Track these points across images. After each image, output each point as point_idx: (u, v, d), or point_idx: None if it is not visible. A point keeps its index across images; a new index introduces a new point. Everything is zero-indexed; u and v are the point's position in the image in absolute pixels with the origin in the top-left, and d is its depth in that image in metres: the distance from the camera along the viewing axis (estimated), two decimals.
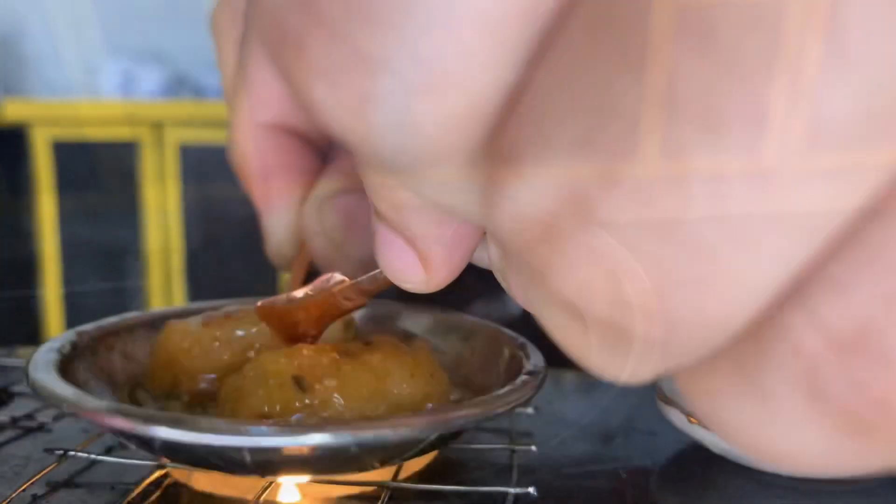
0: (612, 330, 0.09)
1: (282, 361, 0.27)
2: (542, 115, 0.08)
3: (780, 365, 0.08)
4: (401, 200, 0.13)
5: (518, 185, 0.09)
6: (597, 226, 0.08)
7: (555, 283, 0.09)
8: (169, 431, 0.22)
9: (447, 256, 0.14)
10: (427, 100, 0.08)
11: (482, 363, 0.33)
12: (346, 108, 0.09)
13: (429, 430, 0.23)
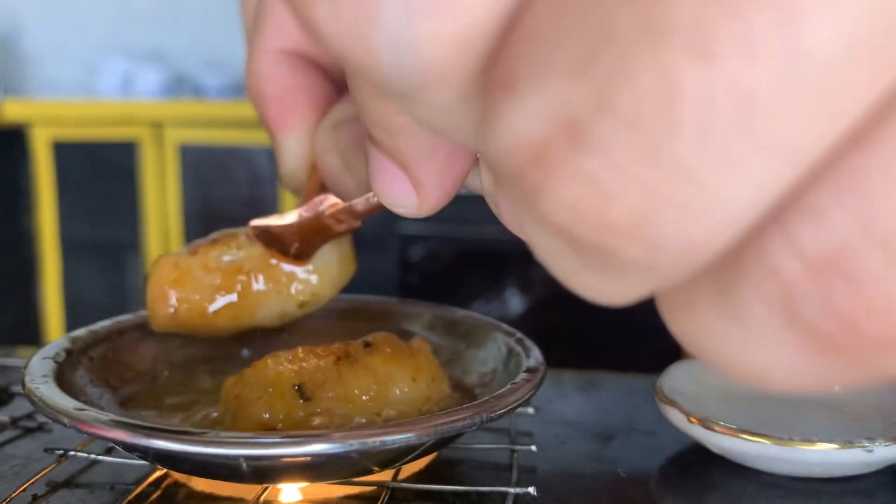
0: (598, 252, 0.09)
1: (282, 368, 0.27)
2: (538, 39, 0.08)
3: (757, 285, 0.08)
4: (394, 125, 0.13)
5: (513, 109, 0.09)
6: (587, 149, 0.08)
7: (545, 206, 0.09)
8: (168, 444, 0.22)
9: (439, 181, 0.14)
10: (427, 21, 0.09)
11: (481, 360, 0.33)
12: (346, 28, 0.09)
13: (429, 435, 0.23)
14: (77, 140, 1.66)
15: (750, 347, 0.09)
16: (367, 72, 0.09)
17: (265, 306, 0.29)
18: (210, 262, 0.29)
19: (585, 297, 0.10)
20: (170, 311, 0.29)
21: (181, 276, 0.29)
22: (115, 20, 2.07)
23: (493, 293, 1.64)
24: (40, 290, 1.71)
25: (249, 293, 0.28)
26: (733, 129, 0.07)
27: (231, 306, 0.29)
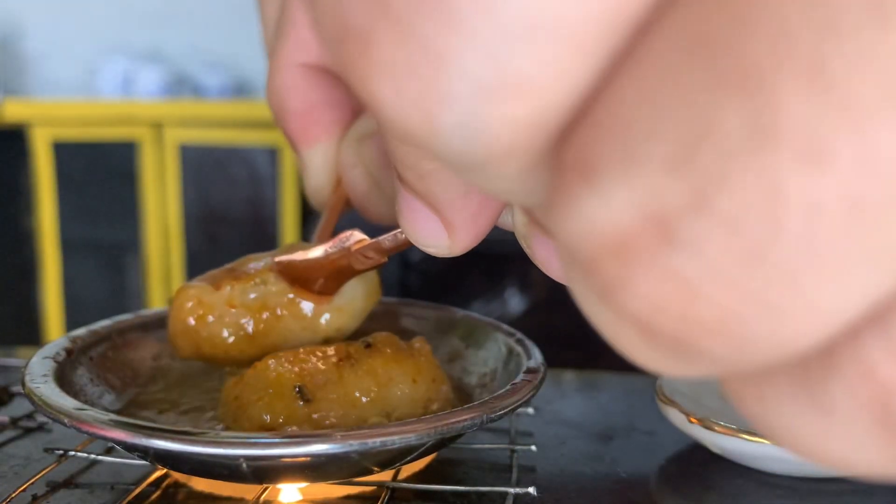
0: (675, 342, 0.09)
1: (282, 369, 0.27)
2: (625, 128, 0.08)
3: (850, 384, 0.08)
4: (426, 170, 0.13)
5: (591, 197, 0.08)
6: (678, 247, 0.08)
7: (622, 296, 0.09)
8: (168, 444, 0.22)
9: (472, 223, 0.14)
10: (498, 103, 0.08)
11: (481, 360, 0.33)
12: (412, 107, 0.09)
13: (429, 436, 0.23)
14: (77, 140, 1.66)
15: (833, 439, 0.09)
16: (426, 146, 0.09)
17: (290, 342, 0.29)
18: (234, 299, 0.28)
19: (639, 364, 0.10)
20: (193, 346, 0.29)
21: (205, 313, 0.28)
22: (115, 20, 2.07)
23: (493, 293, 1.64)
24: (40, 290, 1.71)
25: (274, 330, 0.28)
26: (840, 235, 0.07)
27: (255, 343, 0.28)
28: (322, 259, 0.26)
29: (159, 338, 0.35)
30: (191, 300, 0.28)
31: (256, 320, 0.28)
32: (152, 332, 0.35)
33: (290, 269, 0.27)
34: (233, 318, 0.28)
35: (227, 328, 0.28)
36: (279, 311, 0.28)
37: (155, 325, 0.35)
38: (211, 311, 0.28)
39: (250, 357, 0.28)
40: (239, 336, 0.28)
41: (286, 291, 0.28)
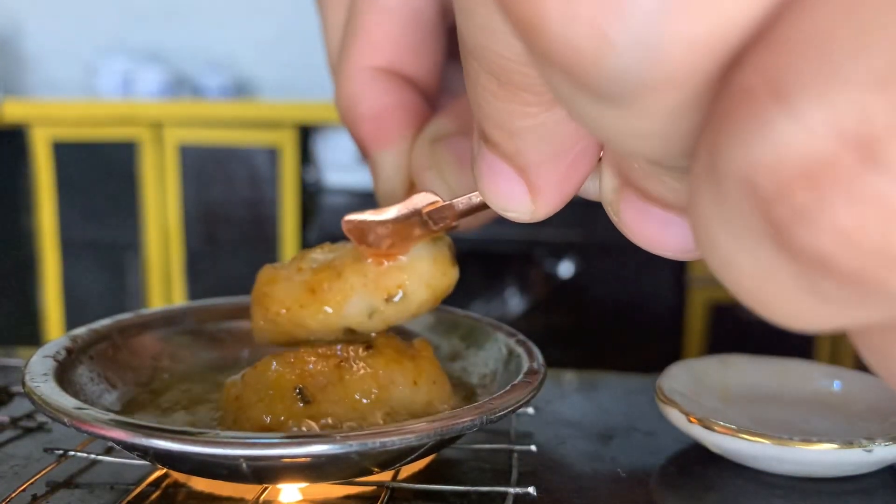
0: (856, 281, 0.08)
1: (283, 370, 0.27)
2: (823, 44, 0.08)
3: None
4: (519, 127, 0.12)
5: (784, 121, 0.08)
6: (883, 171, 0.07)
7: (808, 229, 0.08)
8: (168, 444, 0.22)
9: (559, 187, 0.14)
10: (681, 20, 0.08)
11: (481, 360, 0.33)
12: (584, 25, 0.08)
13: (429, 437, 0.23)
14: (77, 140, 1.66)
15: None
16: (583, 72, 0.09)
17: (351, 301, 0.28)
18: (304, 263, 0.29)
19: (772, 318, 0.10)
20: (267, 317, 0.29)
21: (275, 281, 0.29)
22: (115, 20, 2.07)
23: (493, 293, 1.64)
24: (40, 290, 1.71)
25: (334, 288, 0.28)
26: None
27: (318, 302, 0.28)
28: (392, 219, 0.26)
29: (160, 337, 0.35)
30: (266, 272, 0.29)
31: (318, 279, 0.28)
32: (153, 331, 0.35)
33: (358, 229, 0.27)
34: (299, 279, 0.28)
35: (293, 292, 0.28)
36: (340, 270, 0.28)
37: (155, 324, 0.35)
38: (281, 279, 0.29)
39: (317, 322, 0.28)
40: (302, 298, 0.28)
41: (351, 252, 0.28)
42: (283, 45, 2.01)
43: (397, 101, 0.27)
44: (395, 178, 0.27)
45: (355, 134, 0.27)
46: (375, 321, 0.28)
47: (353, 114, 0.27)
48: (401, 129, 0.27)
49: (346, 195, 1.59)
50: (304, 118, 1.57)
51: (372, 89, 0.27)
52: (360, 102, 0.27)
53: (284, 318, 0.29)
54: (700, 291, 1.46)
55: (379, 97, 0.26)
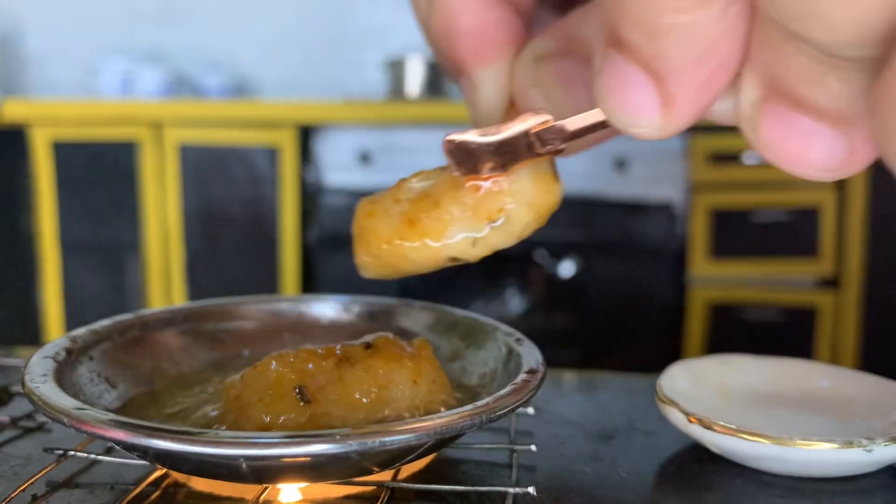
0: None
1: (283, 370, 0.27)
2: None
3: None
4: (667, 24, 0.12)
5: None
6: None
7: None
8: (168, 444, 0.22)
9: (695, 96, 0.13)
10: None
11: (481, 360, 0.33)
12: None
13: (429, 436, 0.23)
14: (77, 140, 1.66)
15: None
16: None
17: (452, 230, 0.27)
18: (400, 193, 0.28)
19: None
20: (370, 251, 0.28)
21: (373, 214, 0.28)
22: (115, 20, 2.07)
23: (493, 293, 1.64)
24: (40, 290, 1.71)
25: (433, 218, 0.27)
26: None
27: (418, 234, 0.27)
28: (496, 140, 0.25)
29: (160, 337, 0.35)
30: (364, 205, 0.28)
31: (417, 207, 0.27)
32: (152, 331, 0.35)
33: (459, 150, 0.26)
34: (398, 210, 0.27)
35: (393, 222, 0.27)
36: (439, 196, 0.27)
37: (155, 324, 0.35)
38: (380, 209, 0.28)
39: (420, 253, 0.27)
40: (402, 228, 0.27)
41: (450, 177, 0.27)
42: (283, 45, 2.01)
43: (498, 16, 0.26)
44: (496, 97, 0.27)
45: (451, 50, 0.26)
46: (479, 248, 0.27)
47: (448, 30, 0.26)
48: (504, 45, 0.26)
49: (346, 195, 1.59)
50: (304, 118, 1.57)
51: (470, 4, 0.25)
52: (459, 18, 0.26)
53: (386, 251, 0.28)
54: (700, 291, 1.46)
55: (479, 12, 0.26)
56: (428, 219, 0.27)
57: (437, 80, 1.72)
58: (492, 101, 0.27)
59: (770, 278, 1.43)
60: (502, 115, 0.27)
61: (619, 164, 1.48)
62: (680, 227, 1.47)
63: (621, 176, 1.48)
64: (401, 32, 1.97)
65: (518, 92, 0.26)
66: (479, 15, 0.25)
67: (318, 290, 1.60)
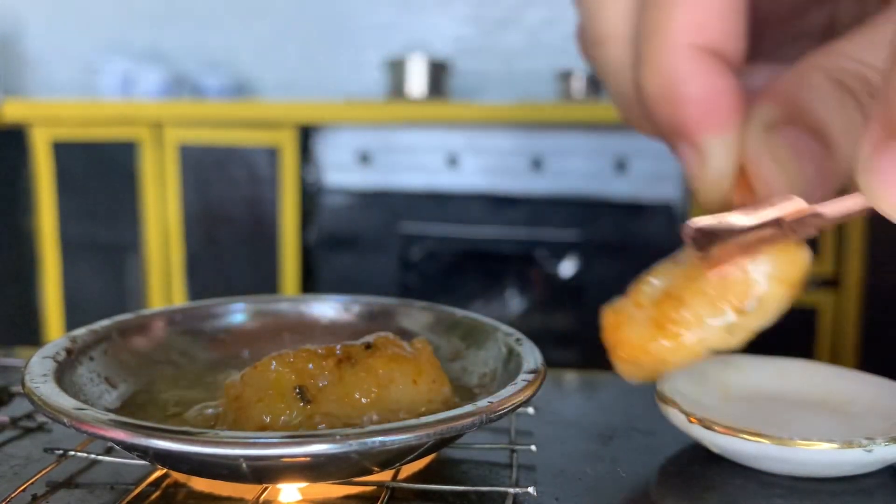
0: None
1: (283, 370, 0.27)
2: None
3: None
4: None
5: None
6: None
7: None
8: (168, 444, 0.22)
9: None
10: None
11: (481, 360, 0.33)
12: None
13: (429, 436, 0.23)
14: (77, 140, 1.66)
15: None
16: None
17: (703, 321, 0.27)
18: (640, 298, 0.28)
19: None
20: (628, 359, 0.29)
21: (620, 322, 0.28)
22: (115, 20, 2.07)
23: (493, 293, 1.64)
24: (40, 290, 1.71)
25: (680, 317, 0.27)
26: None
27: (671, 334, 0.27)
28: (748, 227, 0.24)
29: (160, 337, 0.35)
30: (609, 313, 0.28)
31: (663, 310, 0.27)
32: (152, 331, 0.35)
33: (705, 236, 0.25)
34: (642, 316, 0.27)
35: (639, 327, 0.27)
36: (682, 293, 0.27)
37: (155, 324, 0.35)
38: (624, 317, 0.28)
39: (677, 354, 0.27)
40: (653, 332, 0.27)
41: (685, 271, 0.27)
42: (283, 45, 2.01)
43: (727, 83, 0.25)
44: (727, 167, 0.26)
45: (674, 117, 0.26)
46: (738, 334, 0.27)
47: (673, 95, 0.25)
48: (735, 113, 0.25)
49: (346, 195, 1.59)
50: (304, 118, 1.57)
51: (699, 69, 0.25)
52: (687, 82, 0.25)
53: (644, 359, 0.28)
54: None
55: (708, 78, 0.25)
56: (676, 319, 0.27)
57: (438, 80, 1.72)
58: (722, 170, 0.26)
59: None
60: (731, 185, 0.26)
61: (619, 164, 1.48)
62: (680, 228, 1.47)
63: (621, 176, 1.48)
64: (401, 32, 1.97)
65: (749, 162, 0.25)
66: (706, 81, 0.25)
67: (318, 290, 1.60)
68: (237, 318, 0.37)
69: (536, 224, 1.54)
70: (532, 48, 1.93)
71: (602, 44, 0.28)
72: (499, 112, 1.54)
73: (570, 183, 1.51)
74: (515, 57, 1.94)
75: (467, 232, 1.56)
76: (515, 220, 1.54)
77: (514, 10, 1.93)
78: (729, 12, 0.25)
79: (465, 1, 1.94)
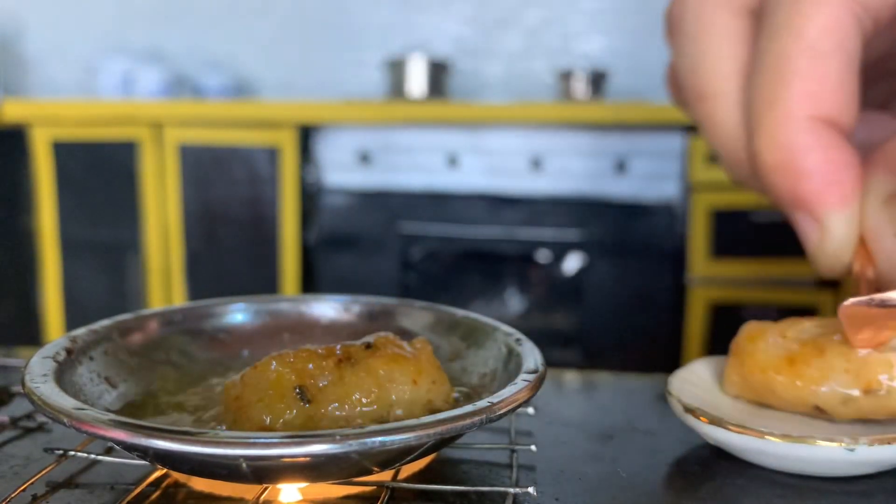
0: None
1: (283, 370, 0.27)
2: None
3: None
4: None
5: None
6: None
7: None
8: (168, 444, 0.22)
9: None
10: None
11: (481, 360, 0.33)
12: None
13: (429, 436, 0.23)
14: (77, 140, 1.66)
15: None
16: None
17: (828, 383, 0.28)
18: (790, 331, 0.29)
19: None
20: (741, 372, 0.30)
21: (756, 339, 0.30)
22: (115, 20, 2.07)
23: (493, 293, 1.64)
24: (40, 290, 1.71)
25: (813, 365, 0.29)
26: None
27: (794, 375, 0.29)
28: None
29: (160, 337, 0.35)
30: (750, 328, 0.30)
31: (803, 352, 0.29)
32: (152, 331, 0.35)
33: (860, 316, 0.26)
34: (782, 345, 0.29)
35: (773, 350, 0.29)
36: (826, 348, 0.29)
37: (155, 324, 0.35)
38: (763, 335, 0.30)
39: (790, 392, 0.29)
40: (781, 363, 0.29)
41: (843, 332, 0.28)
42: (283, 45, 2.01)
43: (846, 156, 0.25)
44: (848, 240, 0.26)
45: (794, 188, 0.25)
46: (849, 409, 0.28)
47: (795, 168, 0.25)
48: (850, 187, 0.25)
49: (346, 195, 1.59)
50: (304, 118, 1.57)
51: (819, 142, 0.25)
52: (807, 156, 0.25)
53: (758, 379, 0.29)
54: (700, 291, 1.46)
55: (828, 152, 0.25)
56: (808, 364, 0.28)
57: (438, 80, 1.72)
58: (843, 244, 0.26)
59: (770, 278, 1.43)
60: (849, 257, 0.27)
61: (619, 164, 1.48)
62: (680, 227, 1.47)
63: (621, 176, 1.48)
64: (401, 32, 1.97)
65: (870, 236, 0.25)
66: (825, 155, 0.25)
67: (318, 290, 1.60)
68: (237, 318, 0.37)
69: (536, 224, 1.54)
70: (532, 48, 1.93)
71: (707, 100, 0.27)
72: (499, 112, 1.54)
73: (570, 183, 1.51)
74: (515, 57, 1.94)
75: (467, 232, 1.56)
76: (515, 220, 1.54)
77: (514, 11, 1.93)
78: (845, 83, 0.25)
79: (465, 1, 1.94)
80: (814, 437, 0.28)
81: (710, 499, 0.29)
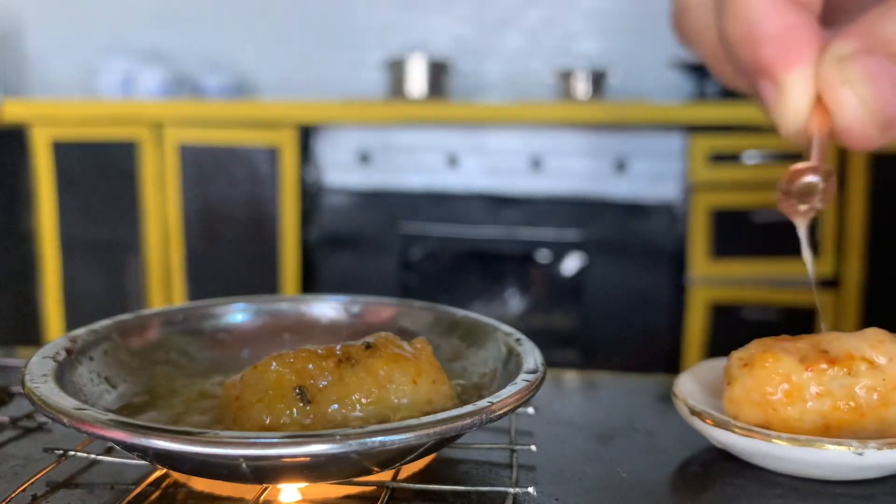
0: None
1: (283, 370, 0.27)
2: None
3: None
4: None
5: None
6: None
7: None
8: (168, 444, 0.22)
9: None
10: None
11: (481, 360, 0.33)
12: None
13: (429, 436, 0.23)
14: (77, 140, 1.66)
15: None
16: None
17: (828, 385, 0.29)
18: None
19: None
20: (744, 384, 0.30)
21: (790, 390, 0.29)
22: (115, 20, 2.07)
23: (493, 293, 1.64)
24: (40, 290, 1.71)
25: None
26: None
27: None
28: None
29: (159, 337, 0.35)
30: (778, 375, 0.30)
31: (812, 354, 0.29)
32: (152, 331, 0.35)
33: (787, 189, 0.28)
34: (799, 370, 0.29)
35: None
36: (839, 354, 0.29)
37: (155, 324, 0.35)
38: (794, 391, 0.29)
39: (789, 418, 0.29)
40: (789, 354, 0.30)
41: (878, 385, 0.29)
42: (283, 45, 2.01)
43: (801, 20, 0.27)
44: (805, 99, 0.27)
45: (755, 56, 0.27)
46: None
47: (753, 35, 0.27)
48: (807, 48, 0.27)
49: (346, 195, 1.59)
50: (304, 118, 1.57)
51: (774, 8, 0.26)
52: (763, 23, 0.26)
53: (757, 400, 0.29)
54: (700, 291, 1.46)
55: (783, 17, 0.26)
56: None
57: (437, 80, 1.72)
58: (800, 103, 0.27)
59: (770, 278, 1.43)
60: (807, 117, 0.28)
61: (619, 164, 1.48)
62: (680, 227, 1.47)
63: (621, 176, 1.48)
64: (401, 32, 1.97)
65: (826, 92, 0.27)
66: (782, 19, 0.26)
67: (318, 290, 1.60)
68: (237, 317, 0.37)
69: (536, 224, 1.54)
70: (532, 48, 1.93)
71: (689, 10, 0.30)
72: (499, 112, 1.54)
73: (570, 183, 1.51)
74: (515, 57, 1.94)
75: (467, 232, 1.56)
76: (515, 220, 1.54)
77: (514, 11, 1.93)
78: None
79: (465, 1, 1.94)
80: (822, 441, 0.28)
81: (711, 499, 0.29)
